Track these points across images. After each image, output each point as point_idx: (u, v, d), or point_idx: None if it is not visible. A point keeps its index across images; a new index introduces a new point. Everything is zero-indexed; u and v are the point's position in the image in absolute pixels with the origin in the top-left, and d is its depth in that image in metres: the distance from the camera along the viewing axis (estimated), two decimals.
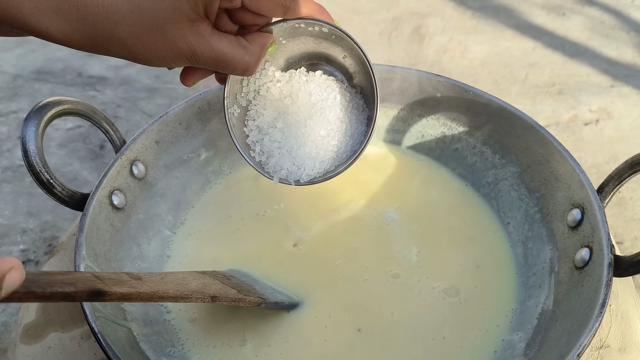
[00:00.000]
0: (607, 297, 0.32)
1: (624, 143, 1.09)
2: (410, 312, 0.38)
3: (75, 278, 0.24)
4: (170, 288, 0.29)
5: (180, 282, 0.31)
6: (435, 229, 0.45)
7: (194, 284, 0.32)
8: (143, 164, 0.44)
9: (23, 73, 1.28)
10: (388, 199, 0.47)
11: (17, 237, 0.91)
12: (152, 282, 0.29)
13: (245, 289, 0.36)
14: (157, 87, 1.25)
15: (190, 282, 0.32)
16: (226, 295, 0.32)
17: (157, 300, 0.29)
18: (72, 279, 0.23)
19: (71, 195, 0.39)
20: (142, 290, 0.27)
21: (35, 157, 0.36)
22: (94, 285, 0.24)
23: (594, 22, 1.43)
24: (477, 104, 0.48)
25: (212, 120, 0.49)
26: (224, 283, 0.35)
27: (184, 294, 0.30)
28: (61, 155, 1.06)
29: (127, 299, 0.26)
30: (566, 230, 0.39)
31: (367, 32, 1.41)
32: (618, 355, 0.37)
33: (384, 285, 0.40)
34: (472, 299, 0.39)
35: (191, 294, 0.30)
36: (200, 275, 0.35)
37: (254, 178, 0.49)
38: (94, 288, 0.24)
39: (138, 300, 0.27)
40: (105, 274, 0.27)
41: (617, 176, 0.37)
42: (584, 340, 0.30)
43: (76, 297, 0.23)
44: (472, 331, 0.37)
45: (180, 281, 0.31)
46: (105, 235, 0.39)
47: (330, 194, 0.48)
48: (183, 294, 0.30)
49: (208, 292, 0.32)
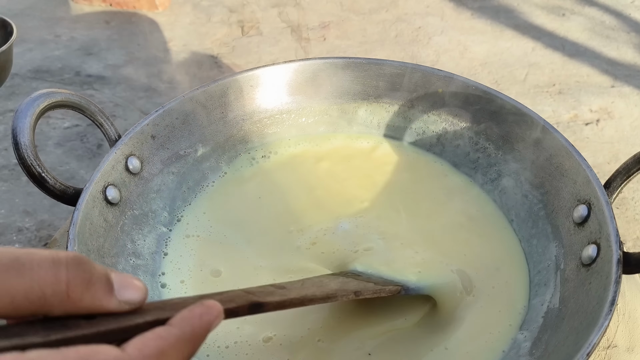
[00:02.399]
0: (616, 294, 0.31)
1: (624, 143, 1.08)
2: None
3: (231, 296, 0.24)
4: (315, 291, 0.31)
5: (320, 284, 0.32)
6: (439, 226, 0.44)
7: (333, 284, 0.33)
8: (138, 159, 0.43)
9: (20, 72, 1.27)
10: (390, 196, 0.46)
11: (12, 235, 0.90)
12: (297, 289, 0.30)
13: (379, 281, 0.36)
14: (156, 86, 1.24)
15: (329, 283, 0.33)
16: (367, 289, 0.33)
17: (307, 304, 0.30)
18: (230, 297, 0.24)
19: (64, 190, 0.38)
20: (292, 297, 0.28)
21: (26, 149, 0.35)
22: (250, 299, 0.25)
23: (594, 22, 1.43)
24: (479, 100, 0.47)
25: (210, 115, 0.48)
26: (358, 279, 0.35)
27: (329, 293, 0.31)
28: (58, 154, 1.05)
29: (282, 307, 0.27)
30: (572, 227, 0.38)
31: (367, 33, 1.41)
32: (626, 355, 0.36)
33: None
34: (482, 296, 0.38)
35: (335, 292, 0.31)
36: (333, 276, 0.36)
37: (251, 174, 0.48)
38: (252, 301, 0.24)
39: (291, 306, 0.28)
40: (251, 288, 0.27)
41: (625, 171, 0.36)
42: (593, 339, 0.29)
43: (239, 312, 0.24)
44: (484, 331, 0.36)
45: (320, 284, 0.33)
46: (99, 231, 0.38)
47: (332, 191, 0.47)
48: (328, 294, 0.31)
49: (350, 288, 0.33)
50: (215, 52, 1.34)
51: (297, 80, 0.51)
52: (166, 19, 1.46)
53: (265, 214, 0.45)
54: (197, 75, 1.27)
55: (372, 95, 0.52)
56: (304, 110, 0.52)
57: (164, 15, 1.47)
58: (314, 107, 0.52)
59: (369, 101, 0.52)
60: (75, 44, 1.37)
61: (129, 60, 1.31)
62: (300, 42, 1.38)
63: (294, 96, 0.52)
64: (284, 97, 0.51)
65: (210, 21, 1.45)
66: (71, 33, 1.41)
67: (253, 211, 0.46)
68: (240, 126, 0.50)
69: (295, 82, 0.51)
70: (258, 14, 1.48)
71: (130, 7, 1.48)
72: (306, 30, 1.42)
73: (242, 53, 1.34)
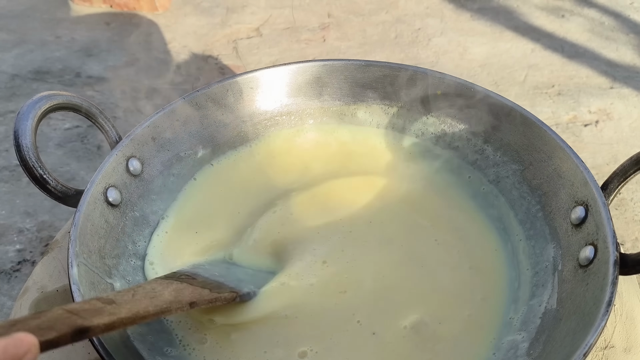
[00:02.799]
0: (613, 295, 0.31)
1: (623, 144, 1.08)
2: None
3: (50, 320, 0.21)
4: (147, 305, 0.28)
5: (153, 294, 0.30)
6: (438, 227, 0.44)
7: (167, 294, 0.30)
8: (139, 161, 0.43)
9: (21, 73, 1.28)
10: (388, 197, 0.47)
11: (13, 236, 0.90)
12: (128, 303, 0.27)
13: (214, 284, 0.34)
14: (156, 87, 1.24)
15: (162, 292, 0.30)
16: (202, 299, 0.31)
17: (140, 322, 0.27)
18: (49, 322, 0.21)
19: (65, 192, 0.38)
20: (123, 316, 0.25)
21: (28, 151, 0.35)
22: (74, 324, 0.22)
23: (593, 23, 1.43)
24: (478, 102, 0.47)
25: (210, 117, 0.48)
26: (193, 284, 0.33)
27: (163, 307, 0.28)
28: (59, 155, 1.05)
29: (111, 329, 0.24)
30: (569, 228, 0.39)
31: (367, 34, 1.41)
32: (623, 355, 0.36)
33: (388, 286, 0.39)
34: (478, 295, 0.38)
35: (169, 305, 0.29)
36: (166, 281, 0.33)
37: (250, 175, 0.49)
38: (76, 326, 0.22)
39: (122, 327, 0.25)
40: (76, 306, 0.24)
41: (622, 173, 0.36)
42: (590, 339, 0.29)
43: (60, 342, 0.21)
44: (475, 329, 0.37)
45: (153, 294, 0.30)
46: (100, 232, 0.38)
47: (330, 194, 0.47)
48: (162, 308, 0.28)
49: (184, 299, 0.30)
50: (215, 53, 1.34)
51: (297, 82, 0.51)
52: (166, 21, 1.46)
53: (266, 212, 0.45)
54: (197, 77, 1.27)
55: (371, 97, 0.52)
56: (304, 112, 0.53)
57: (164, 17, 1.47)
58: (313, 109, 0.53)
59: (368, 103, 0.52)
60: (76, 45, 1.37)
61: (129, 62, 1.31)
62: (300, 43, 1.38)
63: (294, 98, 0.52)
64: (283, 99, 0.52)
65: (210, 22, 1.46)
66: (72, 34, 1.41)
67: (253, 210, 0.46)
68: (240, 128, 0.51)
69: (295, 84, 0.51)
70: (258, 15, 1.48)
71: (130, 9, 1.49)
72: (306, 32, 1.42)
73: (242, 54, 1.34)
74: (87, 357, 0.36)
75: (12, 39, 1.38)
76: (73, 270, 0.34)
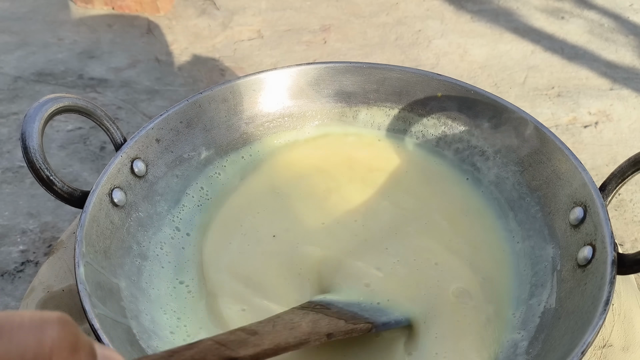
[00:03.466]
0: (610, 294, 0.32)
1: (623, 145, 1.09)
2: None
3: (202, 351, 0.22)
4: (288, 336, 0.29)
5: (292, 326, 0.30)
6: (438, 228, 0.45)
7: (304, 325, 0.31)
8: (143, 162, 0.44)
9: (24, 75, 1.28)
10: (389, 199, 0.47)
11: (16, 237, 0.91)
12: (270, 334, 0.28)
13: (348, 315, 0.34)
14: (158, 89, 1.25)
15: (300, 323, 0.31)
16: (338, 330, 0.31)
17: (280, 353, 0.27)
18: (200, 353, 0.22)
19: (71, 193, 0.39)
20: (266, 347, 0.26)
21: (35, 153, 0.36)
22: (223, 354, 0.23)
23: (593, 25, 1.43)
24: (478, 103, 0.48)
25: (213, 119, 0.49)
26: (328, 315, 0.33)
27: (302, 339, 0.29)
28: (62, 156, 1.06)
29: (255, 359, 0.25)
30: (568, 229, 0.39)
31: (367, 36, 1.42)
32: (621, 354, 0.37)
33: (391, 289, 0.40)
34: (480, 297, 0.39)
35: (308, 336, 0.29)
36: (302, 312, 0.33)
37: (253, 177, 0.49)
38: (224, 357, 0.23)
39: (264, 358, 0.26)
40: (223, 337, 0.25)
41: (620, 174, 0.37)
42: (587, 338, 0.30)
43: None
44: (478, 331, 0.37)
45: (292, 325, 0.31)
46: (106, 233, 0.39)
47: (333, 195, 0.48)
48: (301, 339, 0.29)
49: (321, 330, 0.31)
50: (217, 55, 1.35)
51: (299, 84, 0.52)
52: (168, 22, 1.47)
53: (268, 213, 0.46)
54: (199, 78, 1.28)
55: (372, 99, 0.52)
56: (306, 114, 0.53)
57: (165, 19, 1.48)
58: (315, 111, 0.53)
59: (369, 105, 0.53)
60: (78, 47, 1.38)
61: (131, 63, 1.32)
62: (301, 45, 1.39)
63: (296, 100, 0.52)
64: (285, 101, 0.52)
65: (212, 24, 1.46)
66: (74, 36, 1.42)
67: (257, 211, 0.46)
68: (242, 130, 0.51)
69: (296, 86, 0.52)
70: (259, 17, 1.49)
71: (132, 11, 1.49)
72: (307, 34, 1.43)
73: (243, 56, 1.35)
74: None
75: (14, 41, 1.39)
76: (80, 270, 0.34)
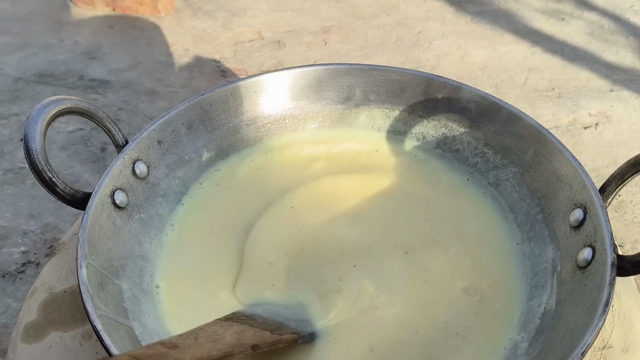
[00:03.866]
0: (610, 295, 0.32)
1: (623, 147, 1.09)
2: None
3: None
4: (210, 349, 0.28)
5: (215, 338, 0.30)
6: (439, 230, 0.45)
7: (228, 337, 0.30)
8: (145, 164, 0.44)
9: (25, 76, 1.29)
10: (389, 201, 0.47)
11: (18, 238, 0.91)
12: (191, 348, 0.27)
13: (274, 325, 0.34)
14: (159, 90, 1.25)
15: (224, 334, 0.30)
16: (264, 341, 0.31)
17: None
18: None
19: (73, 194, 0.39)
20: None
21: (37, 155, 0.36)
22: None
23: (593, 26, 1.44)
24: (478, 105, 0.48)
25: (214, 121, 0.49)
26: (254, 326, 0.33)
27: (226, 351, 0.28)
28: (63, 157, 1.06)
29: None
30: (568, 230, 0.39)
31: (368, 37, 1.42)
32: (621, 355, 0.37)
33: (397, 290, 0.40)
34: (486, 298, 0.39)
35: (232, 348, 0.29)
36: (226, 323, 0.32)
37: (254, 179, 0.49)
38: None
39: None
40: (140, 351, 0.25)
41: (620, 176, 0.37)
42: (587, 339, 0.30)
43: None
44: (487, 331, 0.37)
45: (215, 337, 0.30)
46: (108, 234, 0.39)
47: (333, 196, 0.48)
48: (225, 352, 0.28)
49: (246, 342, 0.30)
50: (218, 56, 1.35)
51: (300, 86, 0.52)
52: (168, 24, 1.47)
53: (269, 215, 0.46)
54: (199, 80, 1.28)
55: (373, 101, 0.53)
56: (306, 116, 0.53)
57: (166, 20, 1.48)
58: (315, 113, 0.53)
59: (370, 107, 0.53)
60: (79, 49, 1.38)
61: (132, 65, 1.32)
62: (302, 46, 1.39)
63: (296, 102, 0.53)
64: (286, 103, 0.52)
65: (212, 26, 1.47)
66: (75, 37, 1.42)
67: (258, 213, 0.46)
68: (243, 131, 0.51)
69: (297, 88, 0.52)
70: (260, 18, 1.49)
71: (133, 12, 1.50)
72: (307, 35, 1.43)
73: (244, 57, 1.35)
74: (95, 357, 0.37)
75: (15, 42, 1.39)
76: (82, 271, 0.34)
